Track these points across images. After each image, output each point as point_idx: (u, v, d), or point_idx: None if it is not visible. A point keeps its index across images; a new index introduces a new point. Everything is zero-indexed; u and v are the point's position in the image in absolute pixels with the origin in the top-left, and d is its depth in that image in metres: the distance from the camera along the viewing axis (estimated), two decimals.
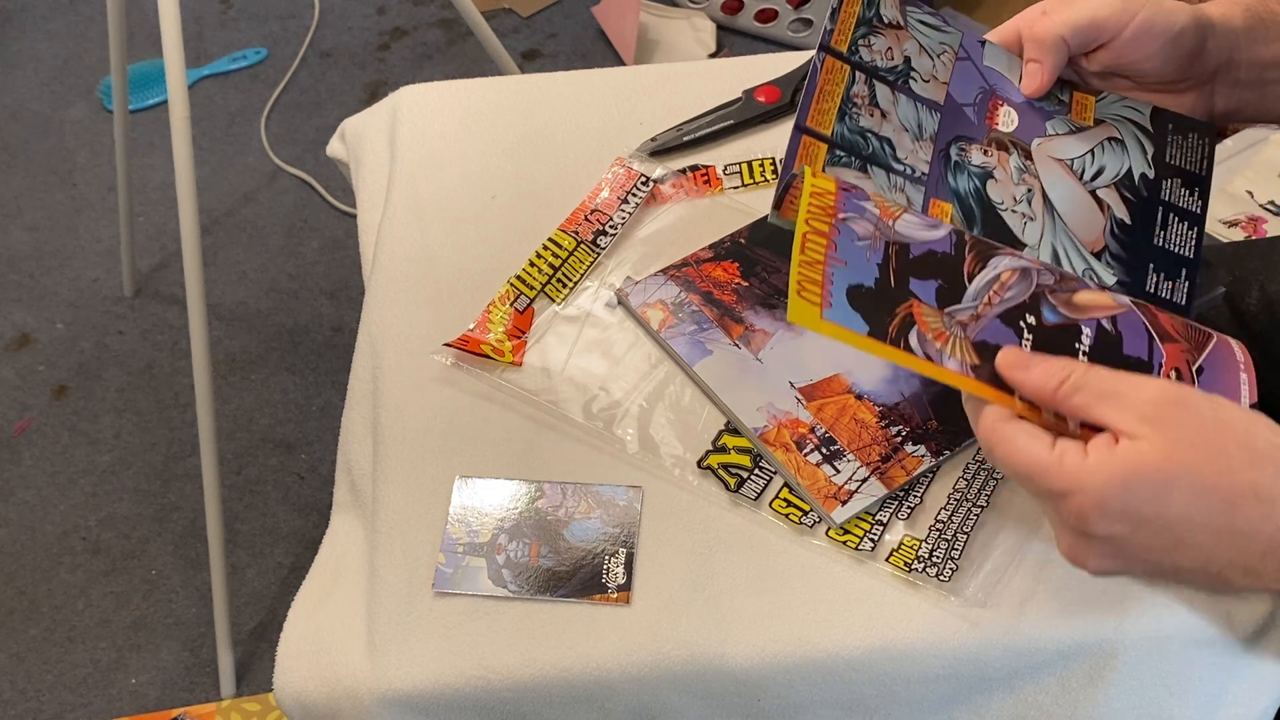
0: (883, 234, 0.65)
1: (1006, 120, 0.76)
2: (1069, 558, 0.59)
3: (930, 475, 0.74)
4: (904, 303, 0.64)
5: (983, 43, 0.77)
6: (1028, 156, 0.75)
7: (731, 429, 0.76)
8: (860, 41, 0.75)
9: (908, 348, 0.62)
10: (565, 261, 0.85)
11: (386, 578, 0.71)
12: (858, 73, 0.74)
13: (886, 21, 0.76)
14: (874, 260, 0.64)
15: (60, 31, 2.22)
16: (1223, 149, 1.62)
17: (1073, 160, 0.75)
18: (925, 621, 0.68)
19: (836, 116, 0.72)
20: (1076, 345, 0.64)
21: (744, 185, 0.90)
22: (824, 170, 0.70)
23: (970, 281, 0.65)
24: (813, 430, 0.75)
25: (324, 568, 0.78)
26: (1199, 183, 0.76)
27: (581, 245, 0.86)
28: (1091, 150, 0.76)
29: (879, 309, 0.63)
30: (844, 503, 0.72)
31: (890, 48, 0.76)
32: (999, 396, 0.61)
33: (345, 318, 1.78)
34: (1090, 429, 0.58)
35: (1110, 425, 0.57)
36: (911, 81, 0.75)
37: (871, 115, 0.73)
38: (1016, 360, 0.60)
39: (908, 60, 0.76)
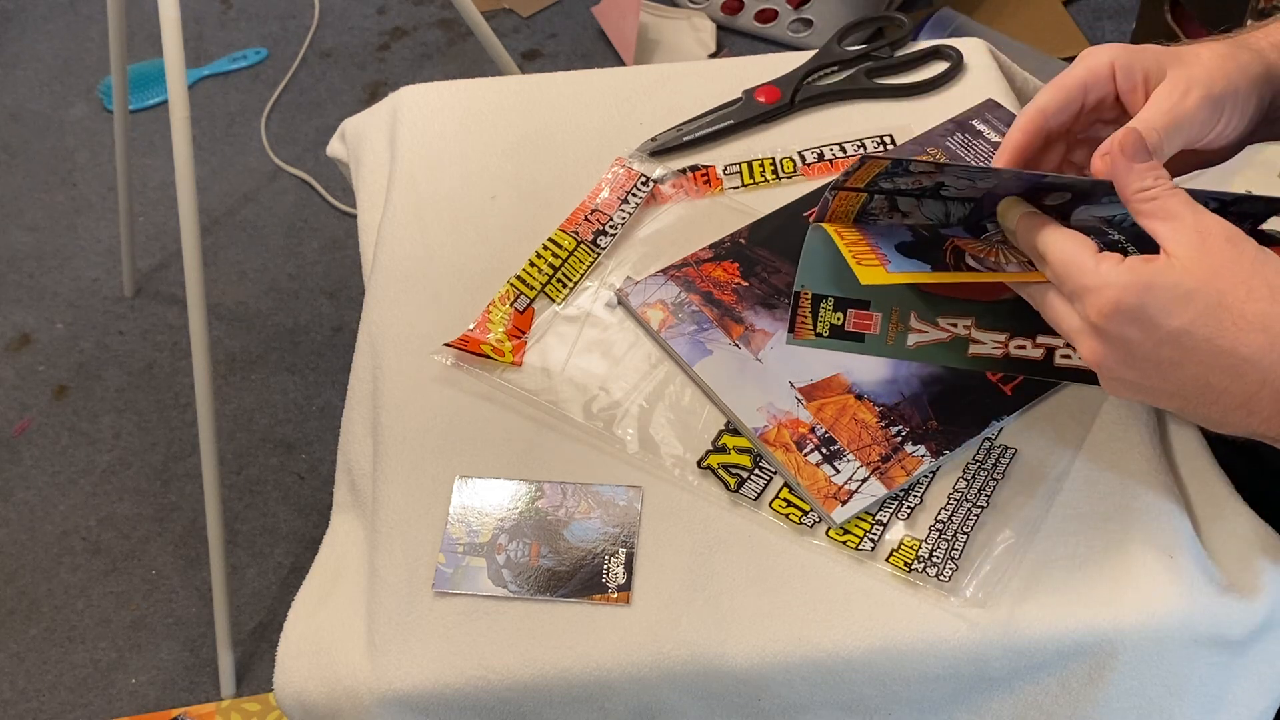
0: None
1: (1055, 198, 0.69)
2: (1087, 358, 0.62)
3: (930, 475, 0.74)
4: (944, 242, 0.68)
5: (1043, 177, 0.67)
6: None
7: (731, 429, 0.76)
8: (882, 180, 0.68)
9: (968, 268, 0.67)
10: (565, 261, 0.85)
11: (386, 578, 0.71)
12: (876, 195, 0.69)
13: (914, 172, 0.67)
14: (902, 225, 0.69)
15: (60, 31, 2.22)
16: None
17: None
18: (925, 621, 0.68)
19: (854, 218, 0.70)
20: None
21: (744, 185, 0.90)
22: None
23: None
24: (813, 430, 0.75)
25: (324, 568, 0.78)
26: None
27: (581, 245, 0.86)
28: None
29: (928, 252, 0.68)
30: (844, 503, 0.72)
31: (920, 179, 0.68)
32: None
33: (345, 318, 1.79)
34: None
35: (1161, 240, 0.59)
36: (943, 191, 0.69)
37: (891, 216, 0.70)
38: (1123, 153, 0.61)
39: (940, 184, 0.68)
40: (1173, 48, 0.69)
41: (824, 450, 0.74)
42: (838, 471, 0.73)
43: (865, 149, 0.91)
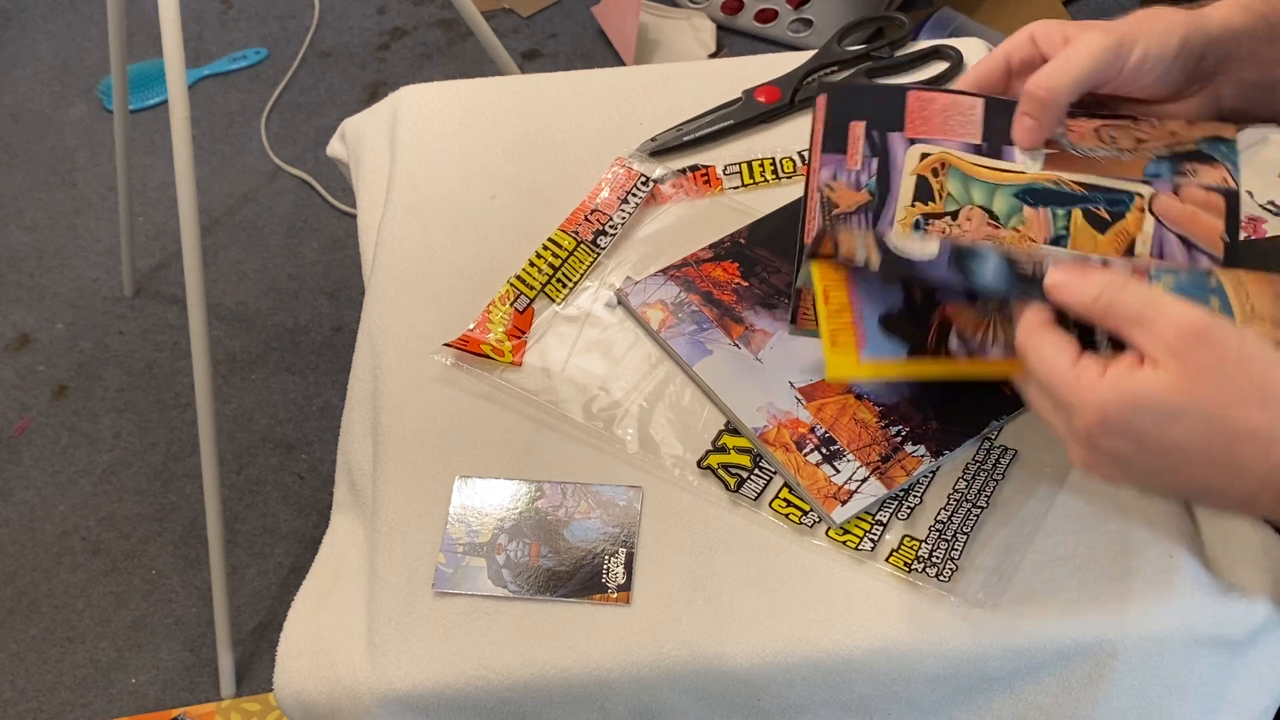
0: None
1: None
2: (1078, 465, 0.61)
3: (930, 475, 0.74)
4: (936, 309, 0.66)
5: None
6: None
7: (731, 429, 0.76)
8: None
9: (949, 353, 0.64)
10: (565, 261, 0.85)
11: (386, 578, 0.71)
12: None
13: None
14: (895, 284, 0.66)
15: (60, 31, 2.22)
16: None
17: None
18: (925, 621, 0.68)
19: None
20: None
21: (744, 185, 0.90)
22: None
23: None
24: (813, 430, 0.75)
25: (324, 568, 0.78)
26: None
27: (581, 245, 0.86)
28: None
29: (914, 324, 0.65)
30: (844, 503, 0.72)
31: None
32: None
33: (345, 318, 1.78)
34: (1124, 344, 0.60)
35: (1140, 350, 0.58)
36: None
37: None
38: (1056, 281, 0.61)
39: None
40: None
41: (824, 450, 0.74)
42: (838, 471, 0.73)
43: None
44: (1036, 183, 0.72)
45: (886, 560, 0.70)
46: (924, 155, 0.73)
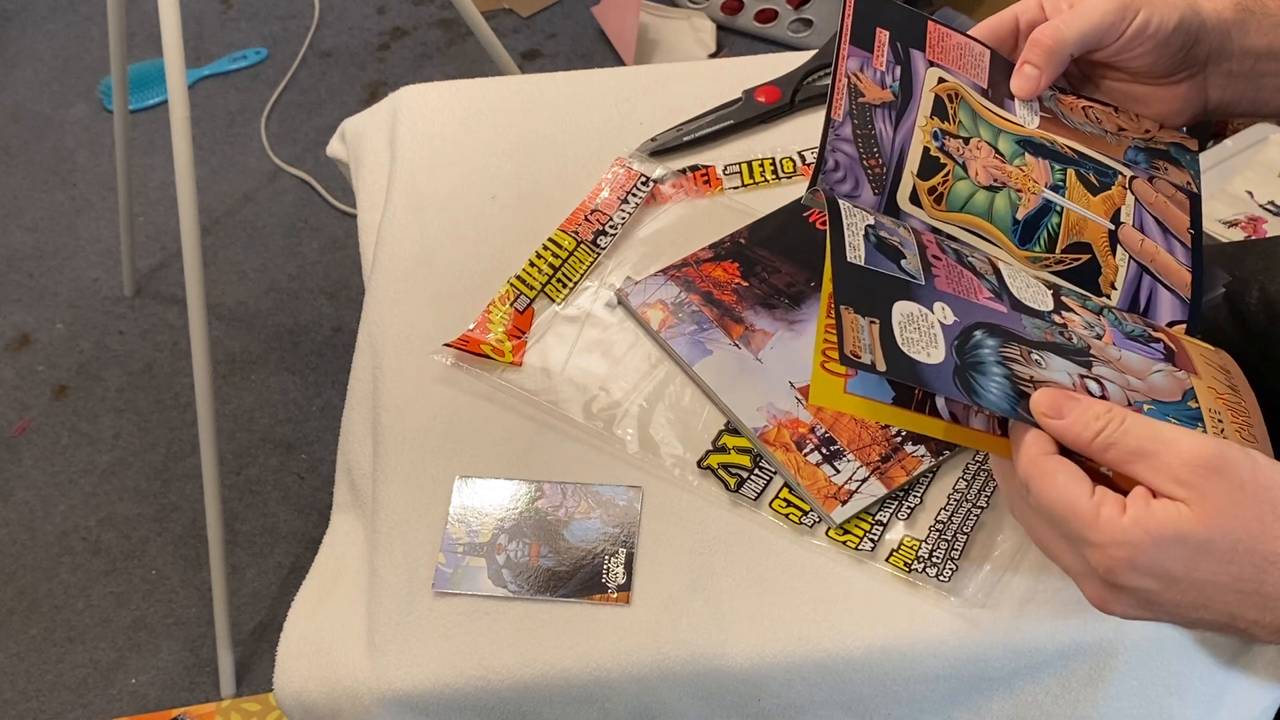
0: None
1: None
2: (1095, 603, 0.59)
3: (930, 475, 0.74)
4: None
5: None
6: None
7: (731, 429, 0.76)
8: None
9: (934, 411, 0.63)
10: (565, 261, 0.85)
11: (386, 578, 0.71)
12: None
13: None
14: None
15: (60, 31, 2.22)
16: (1222, 149, 1.62)
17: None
18: (925, 621, 0.68)
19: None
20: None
21: (744, 185, 0.90)
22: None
23: None
24: (813, 430, 0.75)
25: (324, 568, 0.78)
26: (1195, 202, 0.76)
27: (581, 245, 0.86)
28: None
29: None
30: (844, 503, 0.72)
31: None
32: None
33: (345, 318, 1.78)
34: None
35: (1146, 484, 0.56)
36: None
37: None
38: (1050, 407, 0.59)
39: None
40: None
41: (824, 450, 0.74)
42: (837, 471, 0.73)
43: None
44: (1034, 137, 0.73)
45: (886, 560, 0.70)
46: (940, 80, 0.73)
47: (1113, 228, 0.72)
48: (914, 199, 0.70)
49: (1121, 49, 0.72)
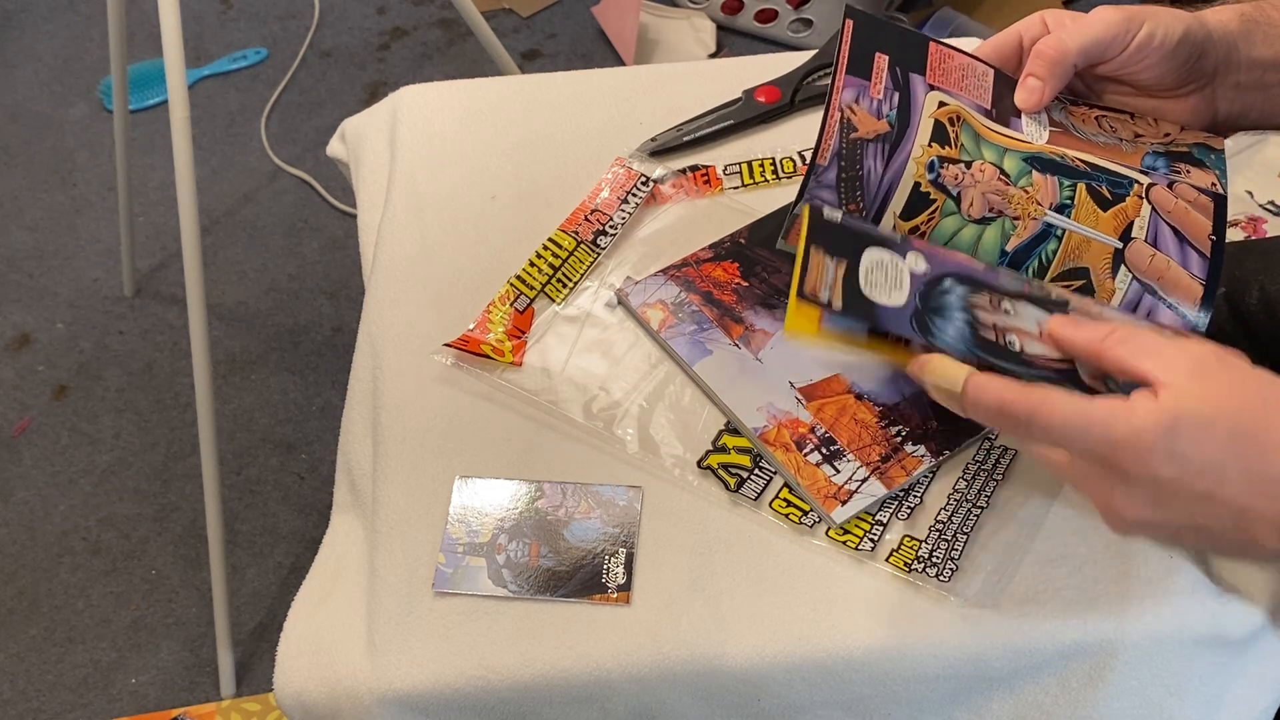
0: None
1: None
2: (1106, 509, 0.60)
3: (930, 475, 0.74)
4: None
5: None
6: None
7: (731, 429, 0.76)
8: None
9: (907, 342, 0.64)
10: (565, 261, 0.85)
11: (386, 578, 0.71)
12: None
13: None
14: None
15: (60, 31, 2.22)
16: None
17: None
18: (925, 621, 0.68)
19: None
20: None
21: (744, 185, 0.90)
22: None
23: None
24: (813, 430, 0.75)
25: (324, 568, 0.78)
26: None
27: (581, 245, 0.86)
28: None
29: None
30: (844, 503, 0.72)
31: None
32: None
33: (345, 318, 1.78)
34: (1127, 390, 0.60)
35: (1153, 377, 0.58)
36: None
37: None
38: (1064, 321, 0.62)
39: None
40: None
41: (824, 450, 0.74)
42: (838, 471, 0.73)
43: None
44: (1043, 153, 0.72)
45: (886, 560, 0.70)
46: (941, 104, 0.72)
47: (1120, 246, 0.70)
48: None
49: (1127, 61, 0.72)
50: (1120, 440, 0.57)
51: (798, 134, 0.94)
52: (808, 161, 0.70)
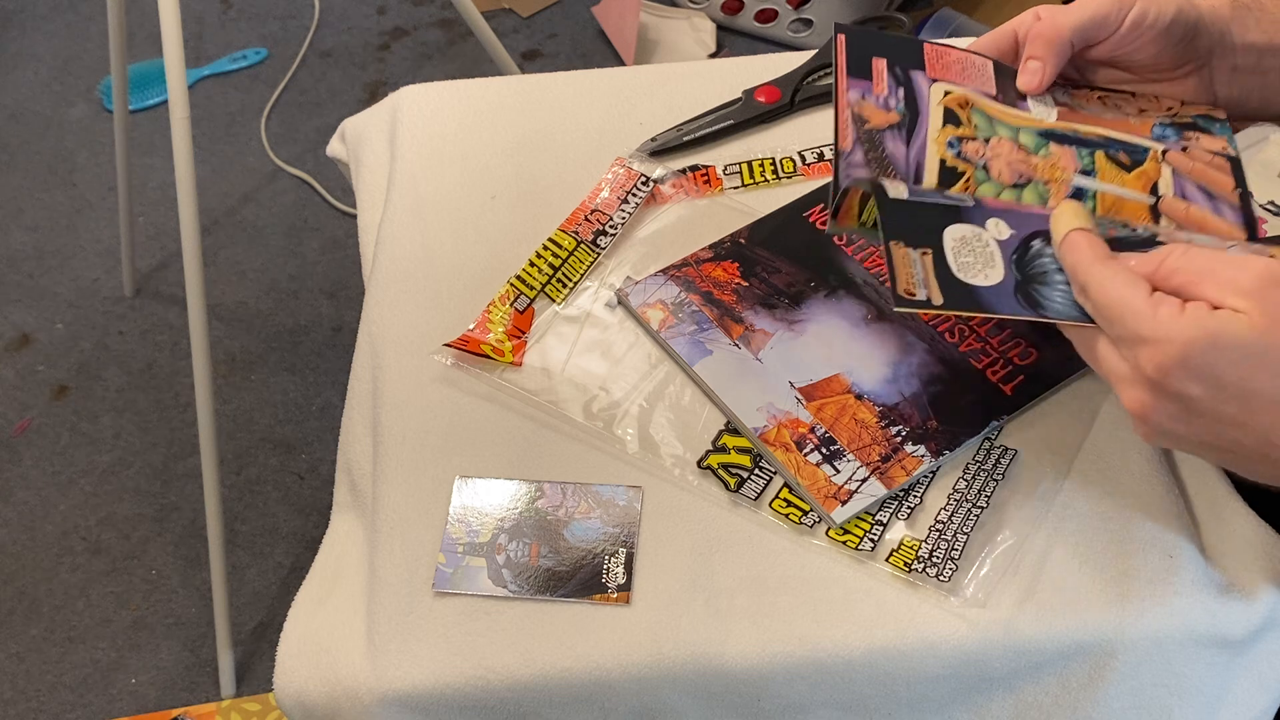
0: None
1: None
2: (1133, 409, 0.58)
3: (930, 475, 0.74)
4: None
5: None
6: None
7: (731, 429, 0.76)
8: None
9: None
10: (565, 261, 0.85)
11: (386, 578, 0.71)
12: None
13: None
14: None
15: (60, 31, 2.22)
16: None
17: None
18: (925, 621, 0.68)
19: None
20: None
21: (744, 185, 0.90)
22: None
23: None
24: (813, 430, 0.75)
25: (324, 568, 0.78)
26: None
27: (581, 245, 0.86)
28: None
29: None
30: (844, 503, 0.72)
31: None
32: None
33: (345, 318, 1.79)
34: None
35: (1210, 300, 0.56)
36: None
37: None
38: (1117, 270, 0.60)
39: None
40: None
41: (824, 450, 0.74)
42: (838, 471, 0.73)
43: None
44: (1055, 129, 0.72)
45: (886, 560, 0.70)
46: (947, 92, 0.72)
47: (1153, 201, 0.70)
48: None
49: (1121, 41, 0.72)
50: (1149, 338, 0.56)
51: (798, 134, 0.94)
52: (831, 152, 0.69)
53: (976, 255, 0.61)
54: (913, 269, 0.60)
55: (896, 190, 0.64)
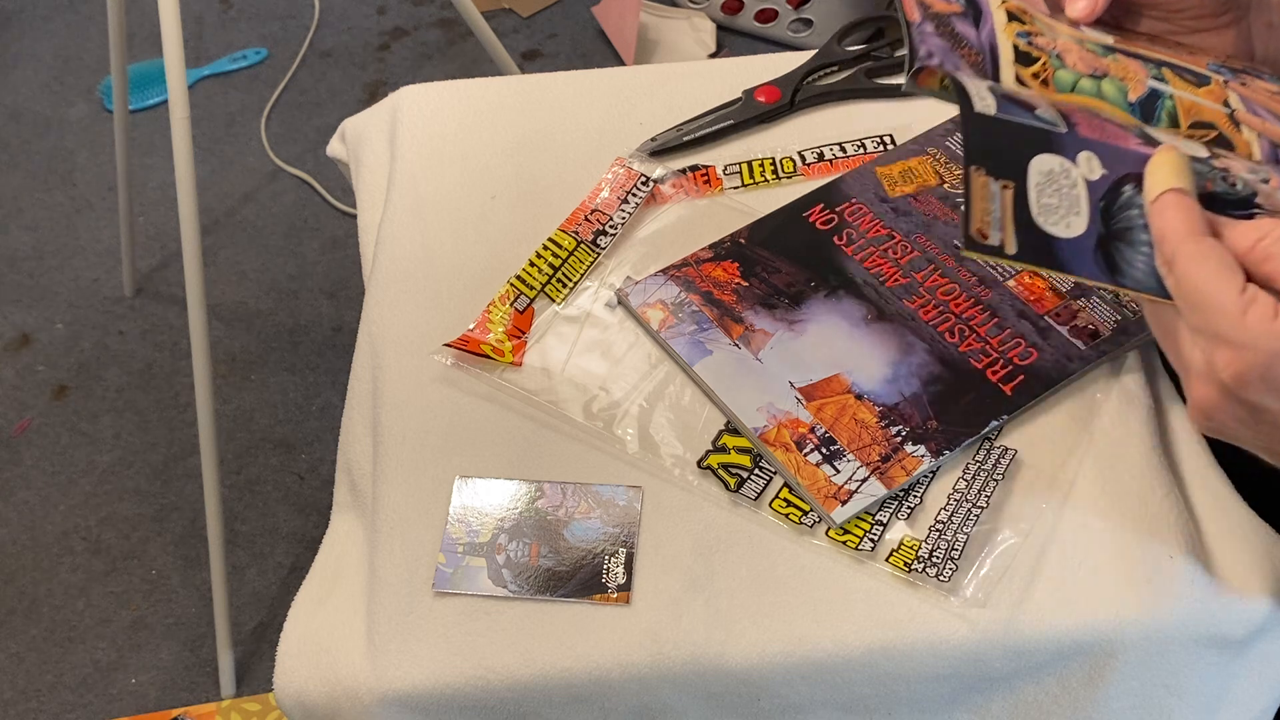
0: None
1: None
2: (1198, 404, 0.54)
3: (930, 475, 0.74)
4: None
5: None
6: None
7: (731, 429, 0.76)
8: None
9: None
10: (565, 261, 0.85)
11: (386, 578, 0.71)
12: None
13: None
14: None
15: (60, 31, 2.22)
16: None
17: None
18: (925, 621, 0.68)
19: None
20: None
21: (744, 185, 0.90)
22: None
23: None
24: (813, 430, 0.75)
25: (324, 568, 0.78)
26: None
27: (581, 245, 0.86)
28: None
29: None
30: (844, 503, 0.72)
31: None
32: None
33: (345, 318, 1.79)
34: None
35: None
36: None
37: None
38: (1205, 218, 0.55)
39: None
40: None
41: (824, 450, 0.74)
42: (838, 471, 0.73)
43: (865, 149, 0.91)
44: (1116, 45, 0.68)
45: (886, 560, 0.70)
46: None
47: (1229, 111, 0.65)
48: (1020, 84, 0.64)
49: None
50: (1232, 341, 0.51)
51: (798, 134, 0.94)
52: (904, 27, 0.63)
53: (1062, 196, 0.55)
54: (990, 204, 0.54)
55: (983, 101, 0.57)
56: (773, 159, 0.91)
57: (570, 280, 0.84)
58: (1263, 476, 0.75)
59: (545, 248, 0.85)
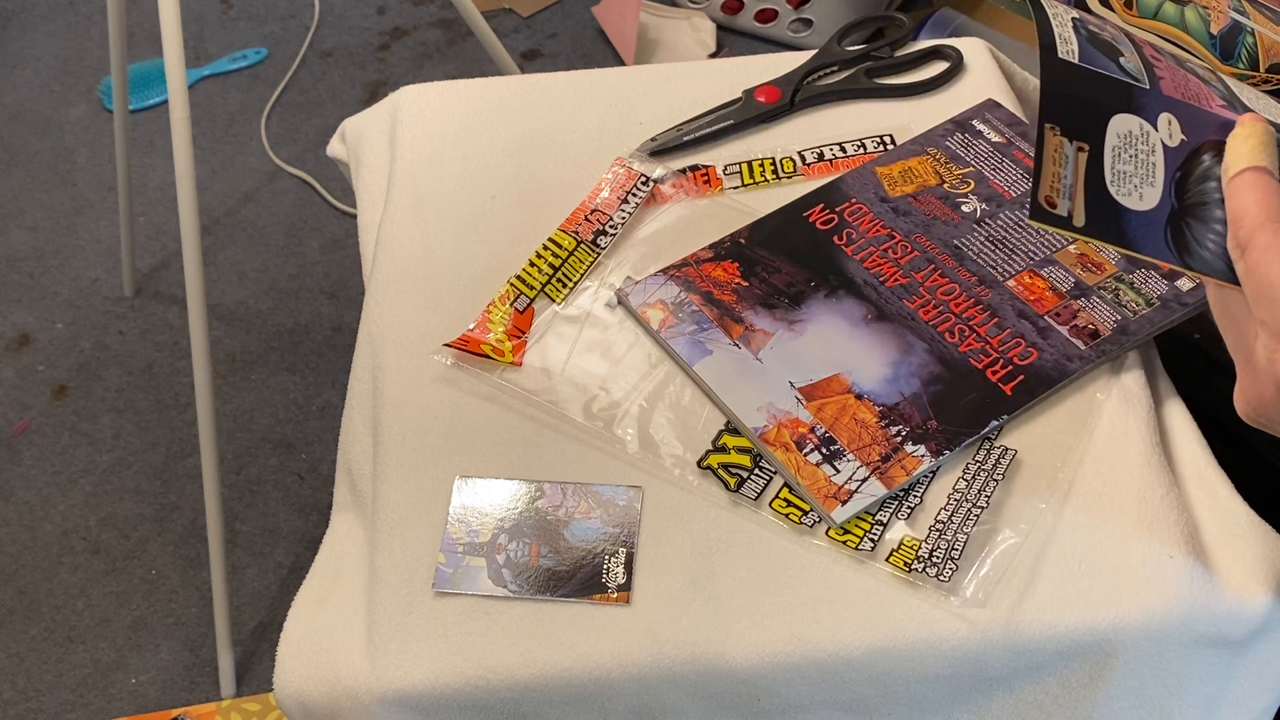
0: None
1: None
2: (1249, 398, 0.52)
3: (930, 475, 0.74)
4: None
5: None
6: None
7: (731, 429, 0.76)
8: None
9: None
10: (565, 261, 0.85)
11: (386, 578, 0.71)
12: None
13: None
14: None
15: (60, 31, 2.22)
16: None
17: None
18: (925, 621, 0.68)
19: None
20: None
21: (744, 185, 0.90)
22: None
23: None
24: (813, 430, 0.75)
25: (324, 568, 0.78)
26: None
27: (581, 245, 0.86)
28: None
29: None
30: (844, 502, 0.72)
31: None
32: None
33: (345, 318, 1.79)
34: None
35: None
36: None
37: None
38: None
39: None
40: None
41: (824, 450, 0.74)
42: (838, 471, 0.73)
43: (865, 149, 0.91)
44: None
45: (886, 560, 0.70)
46: None
47: None
48: (1103, 3, 0.62)
49: None
50: None
51: (798, 134, 0.94)
52: None
53: (1139, 164, 0.51)
54: (1063, 169, 0.50)
55: (1066, 45, 0.52)
56: (773, 159, 0.92)
57: (570, 280, 0.84)
58: (1263, 476, 0.76)
59: (545, 248, 0.85)
